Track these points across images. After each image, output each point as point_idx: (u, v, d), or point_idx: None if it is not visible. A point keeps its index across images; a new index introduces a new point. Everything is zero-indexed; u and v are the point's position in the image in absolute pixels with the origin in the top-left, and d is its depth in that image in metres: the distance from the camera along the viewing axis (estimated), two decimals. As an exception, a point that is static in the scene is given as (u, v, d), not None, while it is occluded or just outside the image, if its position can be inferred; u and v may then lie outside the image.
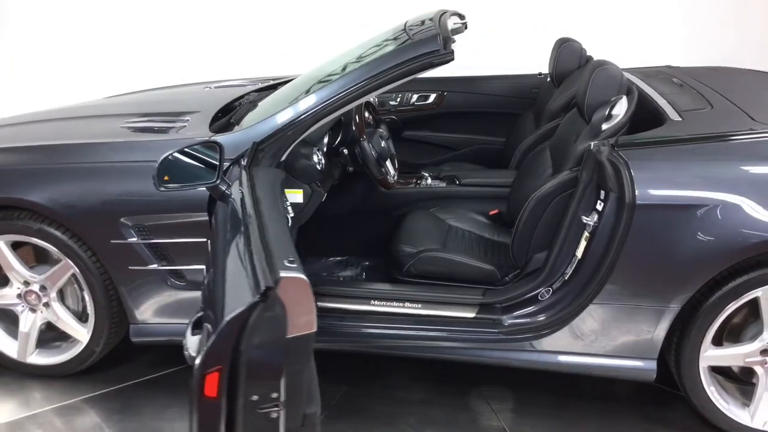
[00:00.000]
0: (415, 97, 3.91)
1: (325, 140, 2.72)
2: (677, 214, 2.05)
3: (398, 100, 3.90)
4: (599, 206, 2.16)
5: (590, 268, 2.19)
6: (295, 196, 2.50)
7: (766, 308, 2.14)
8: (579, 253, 2.23)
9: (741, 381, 2.35)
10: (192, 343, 1.51)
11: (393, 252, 2.68)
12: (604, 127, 2.32)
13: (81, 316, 2.60)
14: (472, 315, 2.40)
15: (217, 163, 1.97)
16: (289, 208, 2.07)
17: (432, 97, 3.89)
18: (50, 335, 2.66)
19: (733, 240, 2.02)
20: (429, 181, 3.26)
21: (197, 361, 1.22)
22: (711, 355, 2.22)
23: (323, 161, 2.58)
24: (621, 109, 2.34)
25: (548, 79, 3.53)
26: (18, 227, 2.45)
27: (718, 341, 2.27)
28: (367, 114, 3.01)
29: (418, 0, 3.03)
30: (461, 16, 3.37)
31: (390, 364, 2.73)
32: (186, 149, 1.99)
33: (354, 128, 2.72)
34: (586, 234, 2.20)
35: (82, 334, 2.57)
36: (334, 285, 2.53)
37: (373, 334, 2.39)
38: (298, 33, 4.59)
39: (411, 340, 2.38)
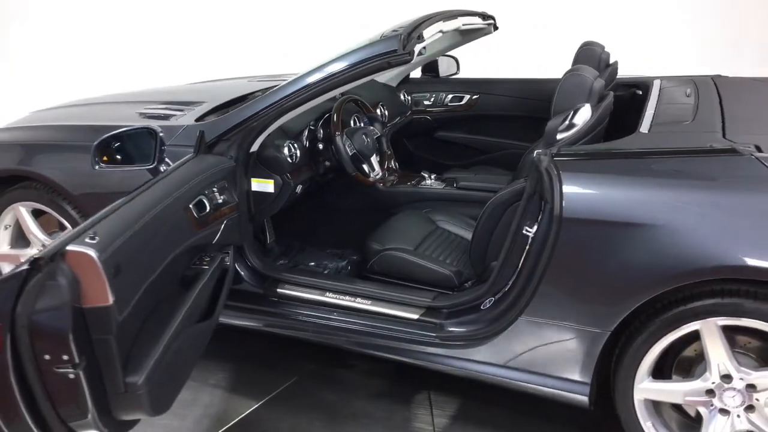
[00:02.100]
0: (449, 97, 3.87)
1: (305, 134, 2.82)
2: (605, 232, 1.91)
3: (431, 100, 3.89)
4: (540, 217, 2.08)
5: (523, 281, 2.11)
6: (266, 185, 2.64)
7: (707, 344, 1.92)
8: (521, 264, 2.16)
9: (693, 420, 2.15)
10: None
11: (363, 248, 2.73)
12: (560, 136, 2.21)
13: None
14: (415, 317, 2.39)
15: (154, 148, 2.14)
16: (217, 195, 2.18)
17: (465, 98, 3.83)
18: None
19: (662, 266, 1.83)
20: (428, 181, 3.25)
21: None
22: (646, 387, 2.04)
23: (297, 154, 2.68)
24: (582, 117, 2.22)
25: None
26: (35, 196, 2.80)
27: (668, 374, 2.10)
28: (355, 113, 3.07)
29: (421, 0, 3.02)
30: (485, 17, 3.32)
31: (355, 360, 2.78)
32: (123, 133, 2.18)
33: (331, 125, 2.80)
34: (527, 245, 2.12)
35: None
36: (295, 274, 2.61)
37: (317, 324, 2.47)
38: (298, 33, 4.65)
39: (351, 333, 2.42)
